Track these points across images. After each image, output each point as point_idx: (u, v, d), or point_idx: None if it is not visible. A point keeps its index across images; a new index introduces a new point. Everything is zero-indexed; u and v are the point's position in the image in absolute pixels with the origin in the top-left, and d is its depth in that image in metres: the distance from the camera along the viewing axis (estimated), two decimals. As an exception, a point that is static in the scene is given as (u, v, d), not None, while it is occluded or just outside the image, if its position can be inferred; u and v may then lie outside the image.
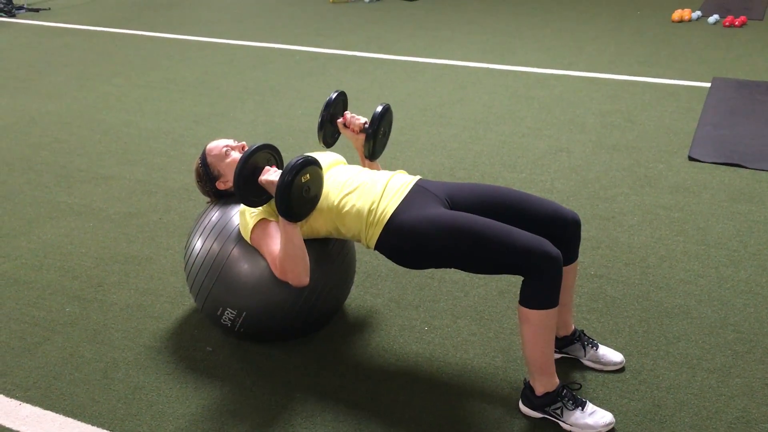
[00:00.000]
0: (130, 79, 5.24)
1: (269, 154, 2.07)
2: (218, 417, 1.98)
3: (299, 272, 1.99)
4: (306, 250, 2.00)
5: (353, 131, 2.27)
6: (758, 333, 2.28)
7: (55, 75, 5.37)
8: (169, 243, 2.90)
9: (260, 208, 2.06)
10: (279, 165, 2.12)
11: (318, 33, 6.53)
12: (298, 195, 1.89)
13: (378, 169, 2.32)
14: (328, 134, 2.33)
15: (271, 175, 1.97)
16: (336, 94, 2.31)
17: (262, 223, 2.04)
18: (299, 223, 1.97)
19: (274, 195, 1.93)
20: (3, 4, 7.62)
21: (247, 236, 2.07)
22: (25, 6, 7.82)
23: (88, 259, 2.79)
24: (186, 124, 4.27)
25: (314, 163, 1.91)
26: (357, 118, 2.28)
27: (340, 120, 2.29)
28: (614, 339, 2.26)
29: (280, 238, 1.98)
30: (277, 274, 2.03)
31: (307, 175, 1.90)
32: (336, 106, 2.31)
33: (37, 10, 7.77)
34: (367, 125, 2.26)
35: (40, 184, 3.47)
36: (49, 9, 7.87)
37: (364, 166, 2.32)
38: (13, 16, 7.55)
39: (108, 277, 2.67)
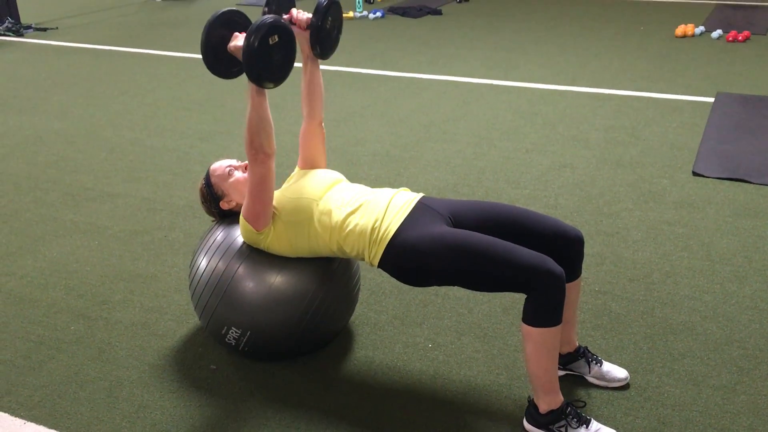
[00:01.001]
0: (136, 97, 5.28)
1: (239, 19, 1.95)
2: (222, 436, 1.98)
3: (261, 140, 1.94)
4: (270, 121, 1.95)
5: (300, 28, 2.11)
6: (764, 349, 2.27)
7: (62, 94, 5.42)
8: (174, 261, 2.91)
9: None
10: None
11: (323, 50, 6.56)
12: (266, 58, 1.78)
13: (319, 79, 2.23)
14: None
15: (240, 41, 1.90)
16: None
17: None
18: (266, 92, 1.91)
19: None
20: (11, 23, 7.70)
21: (248, 230, 2.07)
22: (32, 25, 7.89)
23: (94, 277, 2.81)
24: (191, 141, 4.30)
25: (284, 26, 1.80)
26: (303, 13, 2.12)
27: (286, 16, 2.12)
28: (619, 356, 2.25)
29: (247, 111, 1.92)
30: (250, 175, 1.98)
31: (276, 37, 1.78)
32: (279, 3, 2.12)
33: (44, 30, 7.84)
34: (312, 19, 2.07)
35: (46, 203, 3.50)
36: (57, 28, 7.95)
37: (304, 72, 2.23)
38: (21, 35, 7.62)
39: (113, 295, 2.68)
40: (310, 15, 2.10)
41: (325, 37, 2.10)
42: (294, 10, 2.14)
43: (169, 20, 8.40)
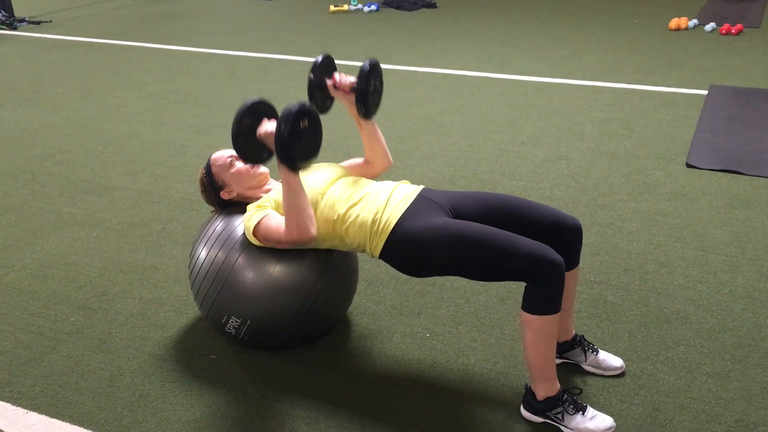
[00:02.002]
0: (132, 90, 5.28)
1: (264, 108, 2.04)
2: (223, 423, 2.00)
3: (305, 223, 1.98)
4: (308, 200, 2.00)
5: (344, 92, 2.19)
6: (756, 337, 2.30)
7: (57, 87, 5.41)
8: (173, 252, 2.93)
9: (262, 207, 2.09)
10: (277, 118, 2.04)
11: (318, 43, 6.58)
12: (297, 141, 1.86)
13: (376, 134, 2.29)
14: (320, 101, 2.24)
15: (269, 126, 1.96)
16: (322, 56, 2.23)
17: (266, 215, 2.07)
18: (299, 174, 1.96)
19: (272, 146, 1.91)
20: (4, 16, 7.67)
21: (252, 237, 2.09)
22: (26, 19, 7.87)
23: (93, 268, 2.82)
24: (188, 134, 4.31)
25: (311, 110, 1.88)
26: (346, 77, 2.20)
27: (329, 82, 2.21)
28: (614, 344, 2.28)
29: (283, 193, 1.97)
30: (286, 238, 2.00)
31: (305, 121, 1.86)
32: (323, 69, 2.21)
33: (38, 23, 7.82)
34: (356, 83, 2.16)
35: (43, 195, 3.50)
36: (51, 21, 7.93)
37: (360, 130, 2.29)
38: (14, 28, 7.60)
39: (112, 286, 2.69)
40: (352, 79, 2.18)
41: (369, 99, 2.19)
42: (337, 75, 2.21)
43: (163, 14, 8.38)
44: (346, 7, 8.09)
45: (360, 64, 6.12)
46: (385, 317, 2.46)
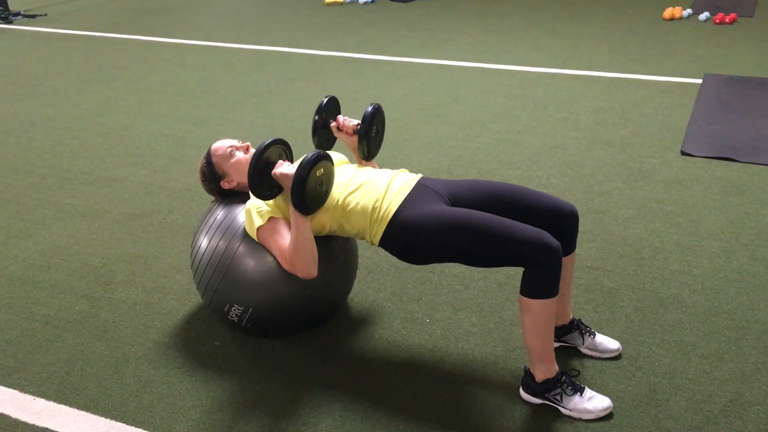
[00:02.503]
0: (129, 83, 5.29)
1: (281, 148, 2.14)
2: (228, 408, 2.03)
3: (308, 264, 2.06)
4: (315, 243, 2.06)
5: (347, 134, 2.32)
6: (750, 320, 2.34)
7: (54, 80, 5.42)
8: (174, 242, 2.96)
9: (267, 207, 2.12)
10: (290, 159, 2.19)
11: (314, 35, 6.59)
12: (312, 189, 1.96)
13: (376, 168, 2.37)
14: (323, 139, 2.37)
15: (285, 168, 2.03)
16: (327, 99, 2.36)
17: (269, 221, 2.10)
18: (309, 217, 2.03)
19: (287, 188, 2.00)
20: (0, 10, 7.66)
21: (253, 234, 2.13)
22: (21, 12, 7.86)
23: (95, 258, 2.85)
24: (186, 126, 4.33)
25: (327, 158, 1.98)
26: (350, 120, 2.32)
27: (333, 124, 2.34)
28: (611, 328, 2.33)
29: (291, 232, 2.04)
30: (286, 267, 2.09)
31: (321, 170, 1.97)
32: (328, 111, 2.36)
33: (33, 16, 7.81)
34: (359, 126, 2.29)
35: (44, 187, 3.53)
36: (46, 15, 7.92)
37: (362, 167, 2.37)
38: (9, 22, 7.59)
39: (115, 276, 2.72)
40: (355, 121, 2.30)
41: (371, 141, 2.30)
42: (340, 117, 2.33)
43: (158, 7, 8.38)
44: (341, -2, 8.09)
45: (356, 55, 6.13)
46: (385, 304, 2.50)
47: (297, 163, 1.98)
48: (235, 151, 2.29)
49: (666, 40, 5.90)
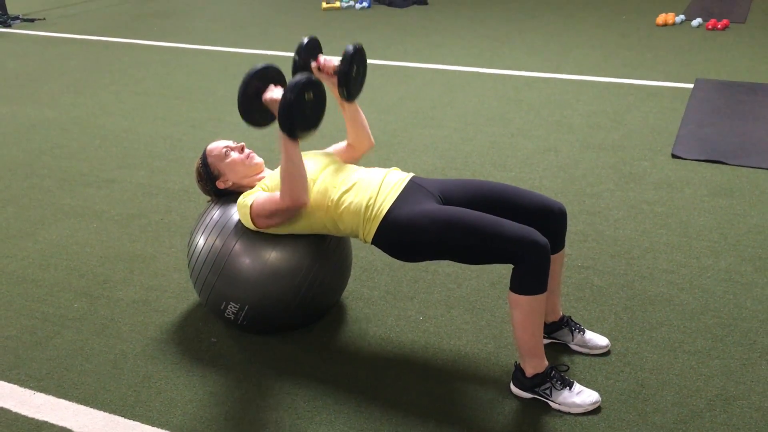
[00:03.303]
0: (127, 86, 5.33)
1: (274, 74, 2.10)
2: (225, 402, 2.07)
3: (298, 191, 2.04)
4: (305, 170, 2.06)
5: (327, 74, 2.24)
6: (737, 318, 2.39)
7: (52, 83, 5.47)
8: (172, 242, 3.00)
9: (255, 189, 2.16)
10: (283, 85, 2.13)
11: (310, 40, 6.64)
12: (300, 112, 1.92)
13: (359, 116, 2.37)
14: None
15: (275, 93, 2.03)
16: (307, 39, 2.27)
17: (259, 193, 2.15)
18: (298, 142, 2.02)
19: (276, 113, 1.97)
20: (-2, 14, 7.71)
21: (248, 220, 2.15)
22: (20, 16, 7.90)
23: (94, 258, 2.89)
24: (183, 129, 4.37)
25: (318, 83, 1.94)
26: (330, 60, 2.25)
27: (314, 64, 2.26)
28: (600, 326, 2.37)
29: (281, 159, 2.03)
30: (279, 205, 2.07)
31: (311, 93, 1.92)
32: (308, 51, 2.25)
33: (32, 20, 7.85)
34: (340, 66, 2.21)
35: (42, 188, 3.57)
36: (44, 19, 7.96)
37: (343, 112, 2.35)
38: (8, 26, 7.63)
39: (113, 274, 2.76)
40: (336, 61, 2.23)
41: (351, 81, 2.23)
42: (321, 57, 2.27)
43: (156, 11, 8.43)
44: (338, 3, 8.15)
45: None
46: (379, 302, 2.54)
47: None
48: (230, 151, 2.33)
49: (658, 46, 5.97)
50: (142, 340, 2.37)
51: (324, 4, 8.13)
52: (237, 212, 2.26)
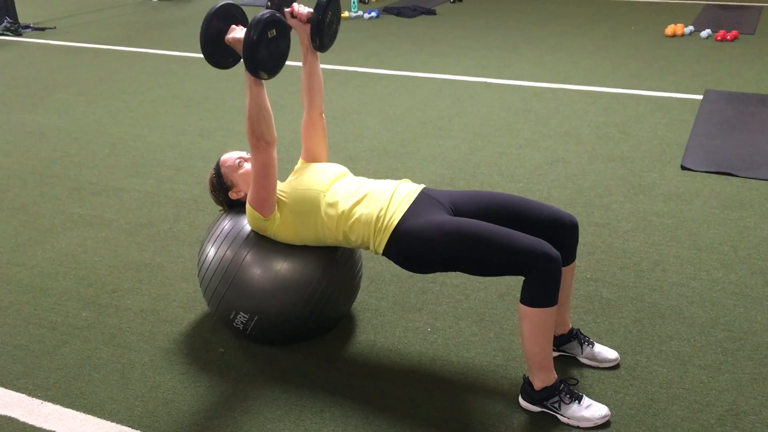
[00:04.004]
0: (136, 95, 5.36)
1: (233, 12, 2.07)
2: (232, 413, 2.07)
3: (261, 129, 2.04)
4: (269, 110, 2.05)
5: (301, 21, 2.22)
6: (747, 331, 2.38)
7: (62, 92, 5.50)
8: (180, 251, 3.00)
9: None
10: (244, 24, 2.08)
11: (319, 49, 6.66)
12: (264, 50, 1.89)
13: (317, 71, 2.32)
14: None
15: (238, 33, 2.00)
16: None
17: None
18: (263, 82, 2.01)
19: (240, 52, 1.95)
20: (9, 23, 7.76)
21: (255, 217, 2.15)
22: (31, 25, 7.96)
23: (102, 266, 2.90)
24: (192, 138, 4.39)
25: (281, 21, 1.91)
26: (303, 7, 2.23)
27: (287, 11, 2.22)
28: (609, 338, 2.36)
29: (246, 100, 2.02)
30: (253, 163, 2.09)
31: (273, 31, 1.89)
32: None
33: (42, 29, 7.91)
34: (313, 14, 2.18)
35: (52, 197, 3.58)
36: (55, 28, 8.01)
37: (304, 65, 2.32)
38: (19, 35, 7.69)
39: (122, 283, 2.77)
40: (310, 9, 2.21)
41: (325, 30, 2.21)
42: (295, 5, 2.25)
43: (166, 20, 8.48)
44: (346, 13, 8.18)
45: (360, 69, 6.19)
46: (387, 313, 2.54)
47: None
48: (244, 162, 2.34)
49: (668, 57, 5.96)
50: (150, 349, 2.37)
51: (333, 14, 8.16)
52: (247, 222, 2.27)
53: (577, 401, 2.00)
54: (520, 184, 3.58)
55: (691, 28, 6.79)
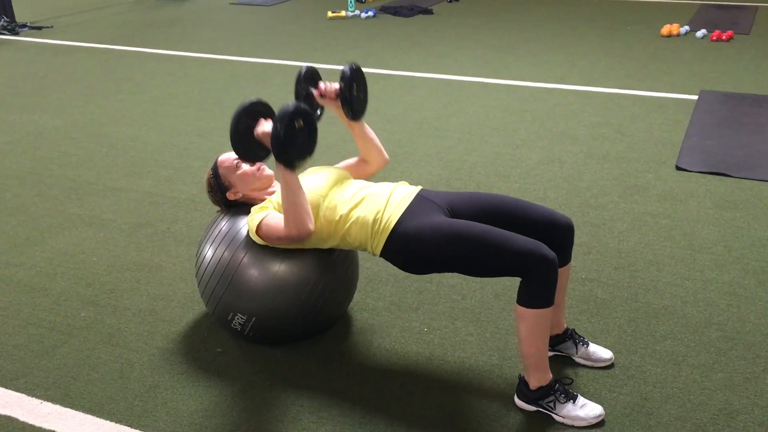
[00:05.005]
0: (134, 95, 5.37)
1: (261, 108, 2.13)
2: (230, 412, 2.09)
3: (303, 220, 2.05)
4: (306, 198, 2.08)
5: (330, 98, 2.29)
6: (740, 331, 2.40)
7: (59, 91, 5.50)
8: (178, 251, 3.02)
9: (265, 207, 2.18)
10: (273, 118, 2.12)
11: (316, 49, 6.68)
12: (293, 141, 1.94)
13: (367, 134, 2.38)
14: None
15: (266, 126, 2.05)
16: (305, 69, 2.31)
17: (267, 215, 2.16)
18: (296, 171, 2.04)
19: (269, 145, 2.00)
20: (6, 22, 7.76)
21: (254, 234, 2.18)
22: (28, 24, 7.96)
23: (101, 266, 2.91)
24: (190, 138, 4.40)
25: (306, 110, 1.96)
26: (331, 84, 2.29)
27: (315, 92, 2.31)
28: (604, 338, 2.38)
29: (281, 190, 2.05)
30: (285, 234, 2.08)
31: (300, 121, 1.94)
32: (308, 80, 2.30)
33: (39, 28, 7.90)
34: (340, 88, 2.26)
35: (50, 197, 3.59)
36: (52, 27, 8.01)
37: (353, 132, 2.38)
38: (16, 34, 7.68)
39: (120, 283, 2.78)
40: (337, 85, 2.27)
41: (353, 101, 2.28)
42: (322, 83, 2.31)
43: (163, 19, 8.48)
44: (343, 13, 8.19)
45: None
46: (384, 313, 2.56)
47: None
48: (242, 163, 2.35)
49: (663, 57, 5.99)
50: (148, 349, 2.39)
51: (330, 14, 8.17)
52: (246, 226, 2.28)
53: (571, 401, 2.02)
54: (516, 184, 3.60)
55: (686, 28, 6.82)
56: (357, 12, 8.27)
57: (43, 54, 6.83)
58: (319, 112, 2.37)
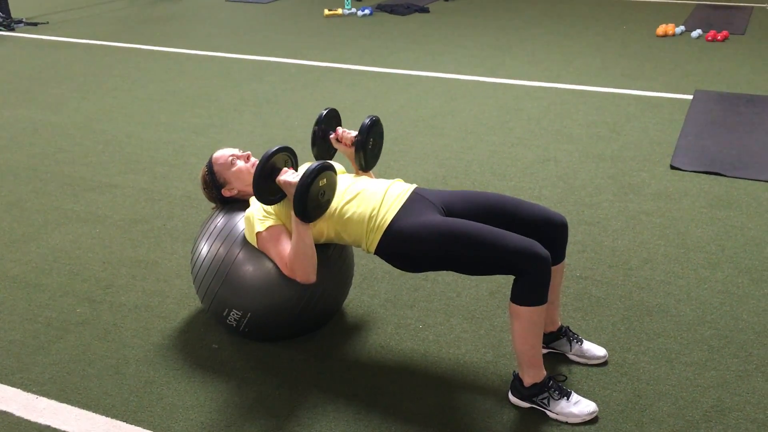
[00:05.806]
0: (130, 91, 5.36)
1: (287, 156, 2.21)
2: (225, 408, 2.10)
3: (308, 270, 2.13)
4: (315, 250, 2.14)
5: (346, 145, 2.38)
6: (733, 329, 2.42)
7: (55, 87, 5.50)
8: (174, 248, 3.02)
9: (267, 215, 2.19)
10: (295, 167, 2.26)
11: (313, 47, 6.68)
12: (314, 198, 2.02)
13: (369, 176, 2.44)
14: (322, 150, 2.42)
15: (289, 176, 2.10)
16: (326, 111, 2.42)
17: (269, 228, 2.17)
18: (310, 225, 2.10)
19: (290, 195, 2.07)
20: (2, 18, 7.74)
21: (253, 240, 2.19)
22: (23, 20, 7.94)
23: (96, 262, 2.91)
24: (186, 134, 4.40)
25: (331, 169, 2.05)
26: (348, 132, 2.38)
27: (332, 135, 2.40)
28: (598, 336, 2.40)
29: (293, 238, 2.11)
30: (286, 272, 2.16)
31: (324, 180, 2.03)
32: (328, 122, 2.41)
33: (35, 24, 7.89)
34: (357, 138, 2.35)
35: (46, 193, 3.59)
36: (47, 23, 8.00)
37: (356, 172, 2.44)
38: (11, 29, 7.67)
39: (116, 279, 2.79)
40: (354, 133, 2.35)
41: (368, 152, 2.36)
42: (340, 129, 2.39)
43: (159, 16, 8.47)
44: (340, 11, 8.19)
45: (354, 67, 6.20)
46: (379, 310, 2.57)
47: (301, 172, 2.05)
48: (236, 160, 2.36)
49: (658, 57, 6.01)
50: (144, 345, 2.39)
51: (326, 11, 8.17)
52: (241, 221, 2.29)
53: (565, 397, 2.03)
54: (511, 182, 3.61)
55: (682, 28, 6.84)
56: (353, 10, 8.27)
57: (38, 50, 6.82)
58: (331, 153, 2.46)
